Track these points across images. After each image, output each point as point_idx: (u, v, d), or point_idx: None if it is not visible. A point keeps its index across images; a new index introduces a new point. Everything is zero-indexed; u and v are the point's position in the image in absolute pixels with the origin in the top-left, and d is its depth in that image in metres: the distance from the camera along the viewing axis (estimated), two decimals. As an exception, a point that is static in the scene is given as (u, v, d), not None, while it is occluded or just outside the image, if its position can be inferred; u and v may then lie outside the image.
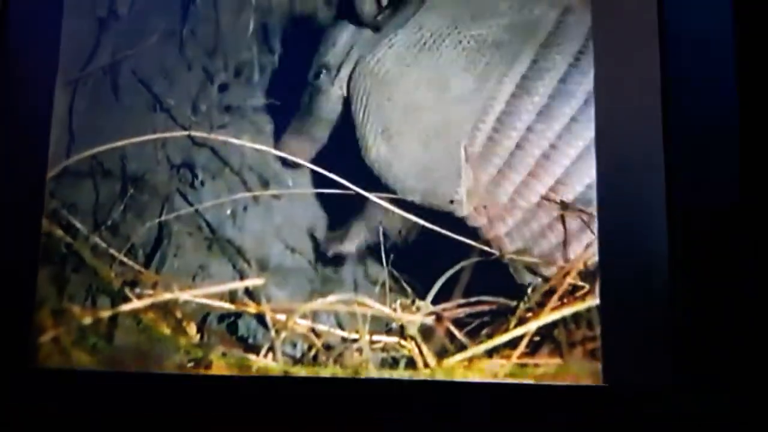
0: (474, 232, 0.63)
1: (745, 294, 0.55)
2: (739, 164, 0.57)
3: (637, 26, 0.61)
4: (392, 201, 0.65)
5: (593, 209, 0.61)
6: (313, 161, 0.67)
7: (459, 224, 0.63)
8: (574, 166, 0.62)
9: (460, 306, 0.62)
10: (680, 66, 0.59)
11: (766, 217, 0.56)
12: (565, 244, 0.61)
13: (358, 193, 0.65)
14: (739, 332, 0.55)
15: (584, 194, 0.61)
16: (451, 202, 0.63)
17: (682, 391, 0.55)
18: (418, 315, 0.63)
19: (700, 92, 0.59)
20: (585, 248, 0.61)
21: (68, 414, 0.63)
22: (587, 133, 0.62)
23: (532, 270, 0.62)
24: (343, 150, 0.67)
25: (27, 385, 0.65)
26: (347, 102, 0.67)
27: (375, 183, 0.65)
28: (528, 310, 0.61)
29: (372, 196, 0.65)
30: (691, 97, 0.59)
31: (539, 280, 0.61)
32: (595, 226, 0.61)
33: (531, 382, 0.59)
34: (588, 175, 0.62)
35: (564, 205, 0.61)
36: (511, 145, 0.63)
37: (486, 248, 0.62)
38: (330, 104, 0.68)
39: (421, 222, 0.64)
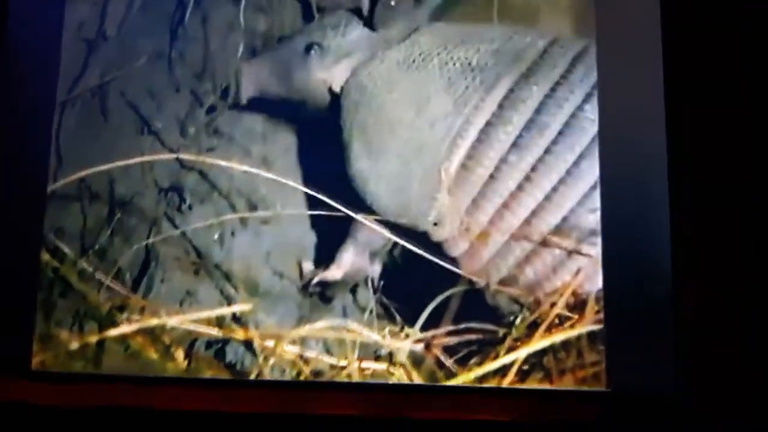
0: (454, 261, 0.63)
1: (747, 301, 0.55)
2: (743, 179, 0.57)
3: (641, 55, 0.61)
4: (380, 224, 0.65)
5: (571, 242, 0.61)
6: (305, 181, 0.67)
7: (442, 251, 0.63)
8: (549, 200, 0.62)
9: (449, 333, 0.62)
10: (684, 92, 0.59)
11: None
12: (546, 277, 0.61)
13: (347, 216, 0.65)
14: (741, 337, 0.55)
15: (559, 227, 0.61)
16: (435, 224, 0.63)
17: (685, 396, 0.55)
18: (407, 341, 0.62)
19: (703, 117, 0.58)
20: (571, 279, 0.60)
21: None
22: (562, 165, 0.62)
23: (517, 301, 0.61)
24: (333, 166, 0.66)
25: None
26: (336, 105, 0.67)
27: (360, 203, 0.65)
28: (516, 339, 0.60)
29: (362, 219, 0.64)
30: (694, 120, 0.59)
31: (526, 312, 0.61)
32: (575, 260, 0.60)
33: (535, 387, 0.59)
34: (564, 208, 0.61)
35: (542, 241, 0.61)
36: (484, 174, 0.62)
37: (473, 278, 0.62)
38: (309, 84, 0.67)
39: (410, 247, 0.64)
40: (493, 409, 0.59)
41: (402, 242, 0.64)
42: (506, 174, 0.62)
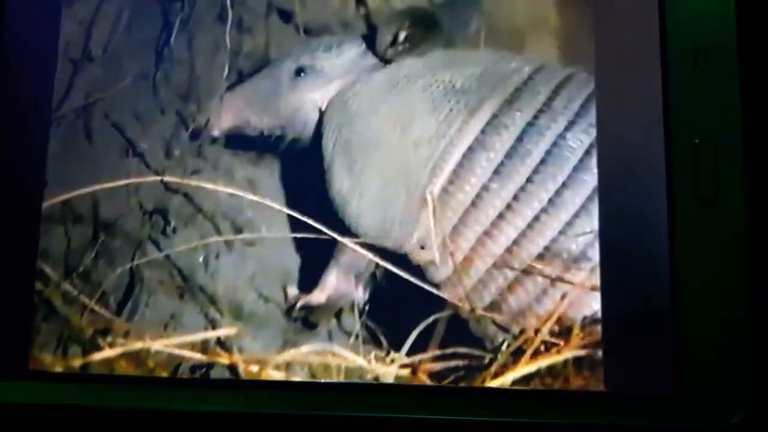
0: (438, 286, 0.62)
1: (748, 302, 0.54)
2: (745, 203, 0.56)
3: (640, 85, 0.60)
4: (364, 247, 0.64)
5: (556, 270, 0.60)
6: (290, 204, 0.66)
7: (426, 276, 0.63)
8: (531, 228, 0.61)
9: (435, 358, 0.61)
10: (685, 117, 0.59)
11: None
12: (531, 303, 0.60)
13: (332, 239, 0.64)
14: (741, 340, 0.54)
15: (543, 254, 0.61)
16: (422, 247, 0.62)
17: (684, 398, 0.54)
18: (393, 366, 0.62)
19: (705, 141, 0.58)
20: (555, 306, 0.60)
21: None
22: (544, 194, 0.61)
23: (502, 327, 0.61)
24: (318, 188, 0.66)
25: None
26: (319, 128, 0.67)
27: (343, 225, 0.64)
28: (502, 365, 0.60)
29: (346, 241, 0.64)
30: (694, 143, 0.58)
31: (511, 338, 0.60)
32: (559, 287, 0.60)
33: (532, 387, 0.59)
34: (546, 237, 0.61)
35: (525, 269, 0.61)
36: (465, 200, 0.62)
37: (457, 303, 0.62)
38: (299, 107, 0.67)
39: (394, 270, 0.63)
40: (489, 409, 0.58)
41: (386, 265, 0.63)
42: (487, 202, 0.62)
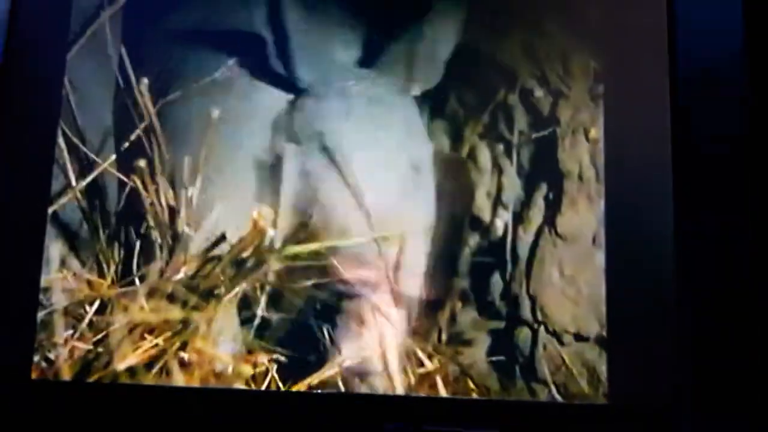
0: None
1: (749, 313, 0.55)
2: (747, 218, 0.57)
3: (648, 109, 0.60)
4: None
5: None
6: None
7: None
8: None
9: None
10: (690, 134, 0.59)
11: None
12: None
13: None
14: (742, 352, 0.55)
15: None
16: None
17: (685, 410, 0.55)
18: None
19: (709, 160, 0.58)
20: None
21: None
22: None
23: None
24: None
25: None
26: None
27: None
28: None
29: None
30: (699, 165, 0.58)
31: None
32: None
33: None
34: None
35: None
36: None
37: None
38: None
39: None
40: (490, 421, 0.58)
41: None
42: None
